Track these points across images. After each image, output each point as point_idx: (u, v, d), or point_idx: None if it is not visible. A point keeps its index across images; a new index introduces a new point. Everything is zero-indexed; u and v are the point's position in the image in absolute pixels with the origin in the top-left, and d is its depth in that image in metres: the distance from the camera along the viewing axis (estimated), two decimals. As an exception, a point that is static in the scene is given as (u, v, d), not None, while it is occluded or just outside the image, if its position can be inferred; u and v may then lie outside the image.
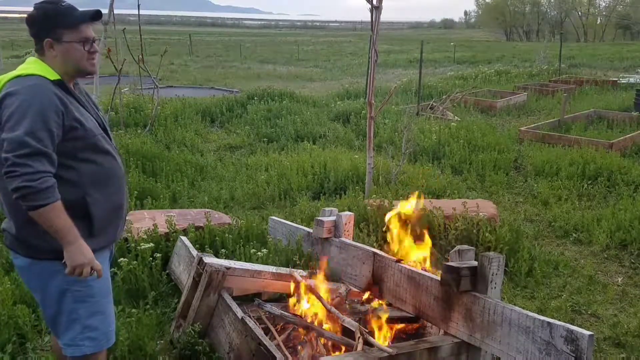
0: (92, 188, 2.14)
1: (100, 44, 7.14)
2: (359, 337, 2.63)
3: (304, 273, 3.39)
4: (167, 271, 3.82)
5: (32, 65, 2.10)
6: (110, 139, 2.31)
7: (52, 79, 2.08)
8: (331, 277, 3.45)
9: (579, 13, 61.96)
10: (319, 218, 3.70)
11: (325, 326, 2.94)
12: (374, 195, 5.36)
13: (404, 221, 3.39)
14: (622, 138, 8.17)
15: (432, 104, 11.37)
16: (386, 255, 3.21)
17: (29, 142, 1.92)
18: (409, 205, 3.46)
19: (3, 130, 1.96)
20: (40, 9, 2.13)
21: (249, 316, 2.86)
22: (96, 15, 2.17)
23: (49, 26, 2.11)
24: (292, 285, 3.24)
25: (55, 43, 2.11)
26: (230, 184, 6.32)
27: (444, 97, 11.83)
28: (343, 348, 2.79)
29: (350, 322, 2.76)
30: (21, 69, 2.09)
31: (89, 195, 2.14)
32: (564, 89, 13.67)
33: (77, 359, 2.22)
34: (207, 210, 4.76)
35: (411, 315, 3.04)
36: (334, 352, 2.83)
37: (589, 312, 3.81)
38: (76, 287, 2.14)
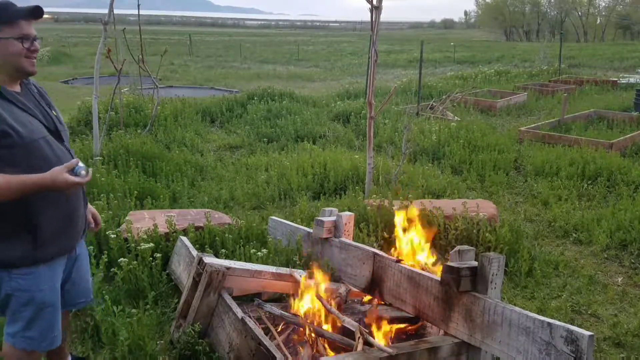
0: (33, 196, 2.06)
1: (100, 44, 7.16)
2: (359, 337, 2.62)
3: (304, 273, 3.39)
4: (167, 271, 3.82)
5: None
6: (63, 141, 2.24)
7: None
8: (331, 277, 3.46)
9: (579, 13, 61.99)
10: (319, 218, 3.69)
11: (325, 326, 2.94)
12: (374, 195, 5.35)
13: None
14: (622, 138, 8.18)
15: (432, 104, 11.37)
16: (386, 255, 3.21)
17: None
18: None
19: None
20: None
21: (249, 316, 2.86)
22: (35, 11, 2.10)
23: None
24: (292, 285, 3.24)
25: None
26: (230, 184, 6.32)
27: (444, 97, 11.85)
28: (343, 348, 2.78)
29: (350, 322, 2.76)
30: None
31: (30, 205, 2.08)
32: (564, 89, 13.68)
33: (15, 350, 2.29)
34: (207, 210, 4.76)
35: (411, 316, 3.04)
36: (334, 352, 2.83)
37: (589, 312, 3.80)
38: (18, 293, 2.17)
